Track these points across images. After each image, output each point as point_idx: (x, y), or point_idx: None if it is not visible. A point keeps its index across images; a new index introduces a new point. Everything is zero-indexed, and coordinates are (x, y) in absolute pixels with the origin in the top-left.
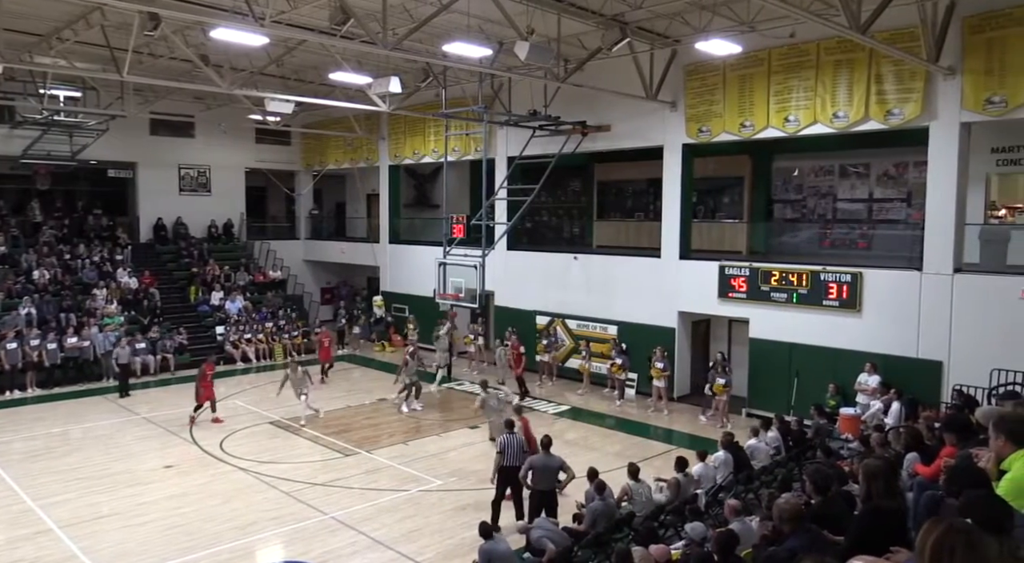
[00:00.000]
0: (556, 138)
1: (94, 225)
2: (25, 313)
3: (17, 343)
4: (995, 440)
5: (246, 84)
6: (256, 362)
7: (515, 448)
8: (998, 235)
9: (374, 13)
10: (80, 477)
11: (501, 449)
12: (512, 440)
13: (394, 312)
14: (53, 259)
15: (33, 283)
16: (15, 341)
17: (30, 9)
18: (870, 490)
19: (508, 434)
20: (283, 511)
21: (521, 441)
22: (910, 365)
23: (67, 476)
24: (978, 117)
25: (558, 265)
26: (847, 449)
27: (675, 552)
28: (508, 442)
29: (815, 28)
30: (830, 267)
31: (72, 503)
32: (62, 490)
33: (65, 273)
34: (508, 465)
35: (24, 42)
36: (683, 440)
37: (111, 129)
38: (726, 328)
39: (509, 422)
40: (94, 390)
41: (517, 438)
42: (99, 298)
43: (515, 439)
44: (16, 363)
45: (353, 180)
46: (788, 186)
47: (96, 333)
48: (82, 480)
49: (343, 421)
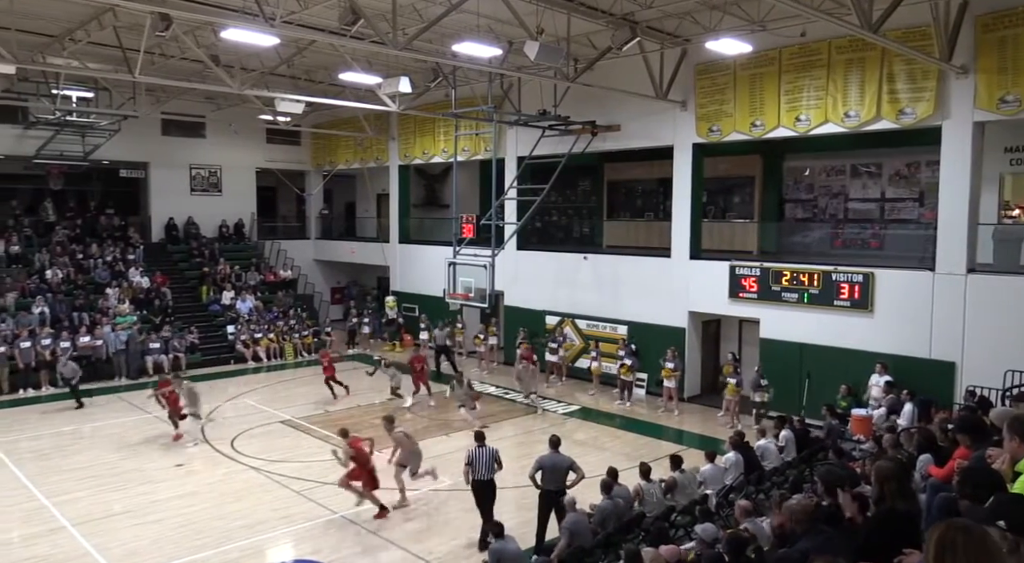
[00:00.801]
0: (566, 138)
1: (106, 225)
2: (38, 312)
3: (31, 342)
4: (1010, 441)
5: (257, 84)
6: (267, 361)
7: (485, 461)
8: (1012, 235)
9: (384, 13)
10: (92, 475)
11: (469, 461)
12: (481, 453)
13: (403, 312)
14: (66, 259)
15: (46, 282)
16: (28, 340)
17: (43, 10)
18: (883, 492)
19: (477, 447)
20: (293, 510)
21: (491, 453)
22: (923, 366)
23: (79, 474)
24: (992, 116)
25: (568, 265)
26: (859, 450)
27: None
28: (477, 455)
29: (826, 27)
30: (841, 267)
31: (84, 501)
32: (74, 488)
33: (78, 273)
34: (479, 480)
35: (37, 43)
36: (693, 440)
37: (123, 129)
38: (736, 328)
39: (479, 434)
40: (106, 389)
41: (487, 450)
42: (111, 297)
43: (485, 451)
44: (29, 362)
45: (363, 180)
46: (799, 186)
47: (108, 332)
48: (94, 478)
49: (352, 420)
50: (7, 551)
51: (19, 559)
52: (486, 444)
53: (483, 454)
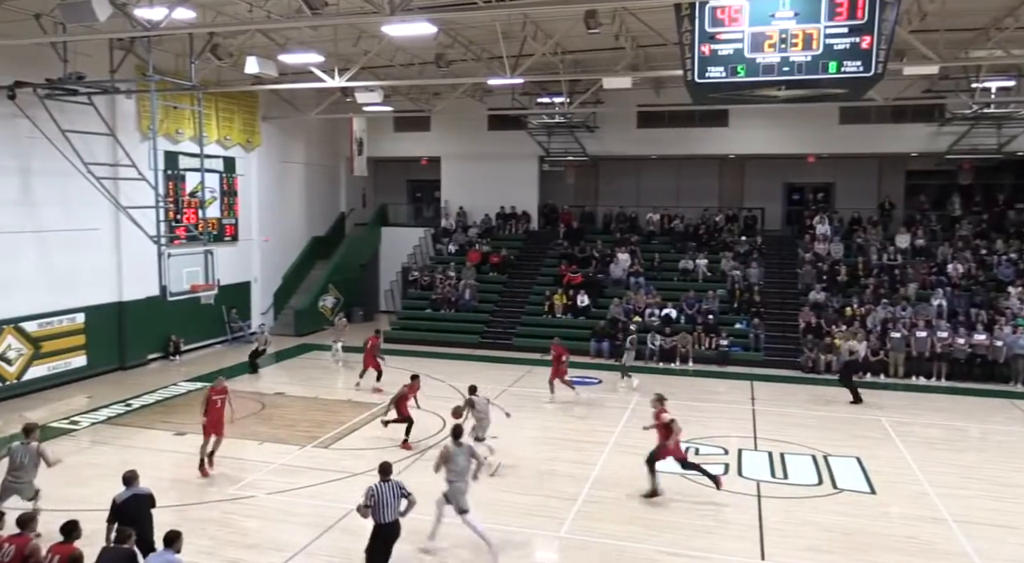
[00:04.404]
0: None
1: (1015, 220)
2: (936, 305)
3: (927, 332)
4: None
5: None
6: None
7: (390, 498)
8: None
9: None
10: (978, 477)
11: (370, 502)
12: (386, 490)
13: None
14: (968, 253)
15: (946, 276)
16: (925, 330)
17: (973, 4)
18: None
19: (380, 483)
20: None
21: (397, 488)
22: None
23: (964, 473)
24: None
25: None
26: None
27: None
28: (380, 492)
29: None
30: None
31: (968, 501)
32: (958, 485)
33: (979, 268)
34: (383, 523)
35: (961, 39)
36: None
37: None
38: None
39: (383, 466)
40: (998, 392)
41: (391, 486)
42: (1013, 297)
43: (390, 488)
44: (924, 351)
45: None
46: None
47: (1008, 333)
48: (980, 481)
49: None
50: (886, 524)
51: (898, 535)
52: (389, 478)
53: (387, 491)
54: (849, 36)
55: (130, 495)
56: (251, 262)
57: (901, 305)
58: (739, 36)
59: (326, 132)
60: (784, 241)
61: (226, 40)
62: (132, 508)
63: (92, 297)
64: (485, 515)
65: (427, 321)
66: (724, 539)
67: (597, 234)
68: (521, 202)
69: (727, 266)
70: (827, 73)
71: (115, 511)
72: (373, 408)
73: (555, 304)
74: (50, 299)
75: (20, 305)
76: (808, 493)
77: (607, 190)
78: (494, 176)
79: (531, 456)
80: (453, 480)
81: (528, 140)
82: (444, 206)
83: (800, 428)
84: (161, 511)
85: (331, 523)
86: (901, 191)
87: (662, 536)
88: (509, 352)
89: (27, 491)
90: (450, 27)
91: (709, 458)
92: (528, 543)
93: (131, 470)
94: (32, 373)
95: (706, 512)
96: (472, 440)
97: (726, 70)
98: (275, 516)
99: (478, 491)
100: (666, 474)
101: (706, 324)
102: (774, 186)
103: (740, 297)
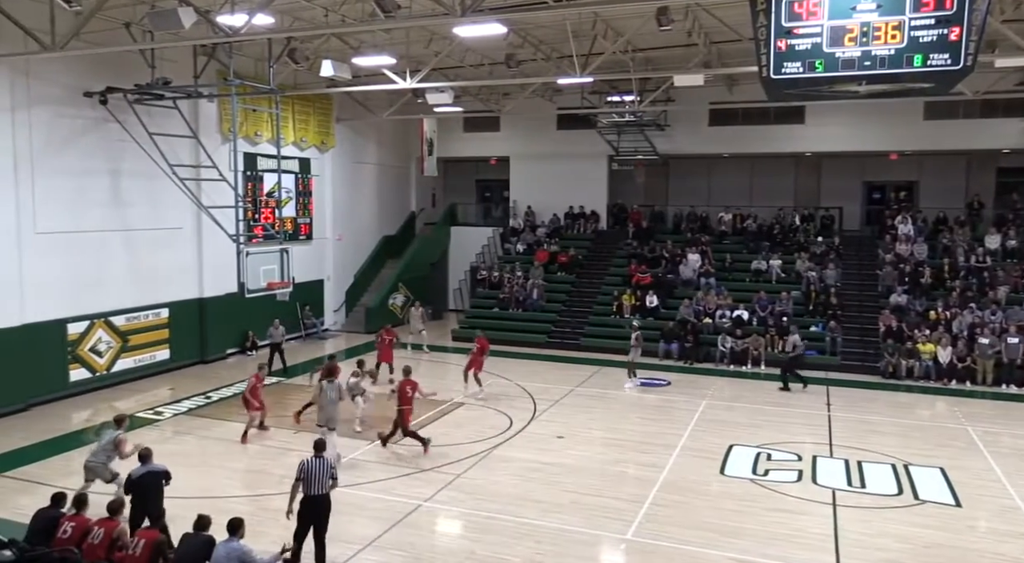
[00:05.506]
0: None
1: None
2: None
3: (1019, 339)
4: None
5: None
6: None
7: (319, 473)
8: None
9: None
10: None
11: (302, 475)
12: (316, 465)
13: None
14: None
15: None
16: (1017, 336)
17: None
18: None
19: (313, 457)
20: None
21: (327, 464)
22: None
23: None
24: None
25: None
26: None
27: None
28: (311, 467)
29: None
30: None
31: None
32: None
33: None
34: (312, 495)
35: None
36: None
37: None
38: None
39: (318, 442)
40: None
41: (323, 462)
42: None
43: (320, 464)
44: (1015, 358)
45: None
46: None
47: None
48: None
49: None
50: (972, 539)
51: (985, 550)
52: (322, 454)
53: (319, 466)
54: (936, 27)
55: (145, 471)
56: (324, 260)
57: (991, 309)
58: (817, 30)
59: (397, 133)
60: (863, 241)
61: (303, 44)
62: (147, 482)
63: (175, 293)
64: (551, 514)
65: (495, 320)
66: (798, 548)
67: (667, 234)
68: (590, 201)
69: (802, 267)
70: (912, 67)
71: (130, 485)
72: (443, 405)
73: (623, 304)
74: (137, 295)
75: (109, 300)
76: (887, 503)
77: (677, 189)
78: (563, 175)
79: (598, 457)
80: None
81: (597, 139)
82: (512, 206)
83: (879, 435)
84: (236, 500)
85: (399, 517)
86: (991, 189)
87: (733, 543)
88: (577, 352)
89: (103, 473)
90: (520, 27)
91: (781, 464)
92: (595, 544)
93: (146, 447)
94: (120, 365)
95: (779, 519)
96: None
97: (803, 65)
98: (345, 510)
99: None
100: (738, 480)
101: (779, 326)
102: (853, 184)
103: (816, 299)
